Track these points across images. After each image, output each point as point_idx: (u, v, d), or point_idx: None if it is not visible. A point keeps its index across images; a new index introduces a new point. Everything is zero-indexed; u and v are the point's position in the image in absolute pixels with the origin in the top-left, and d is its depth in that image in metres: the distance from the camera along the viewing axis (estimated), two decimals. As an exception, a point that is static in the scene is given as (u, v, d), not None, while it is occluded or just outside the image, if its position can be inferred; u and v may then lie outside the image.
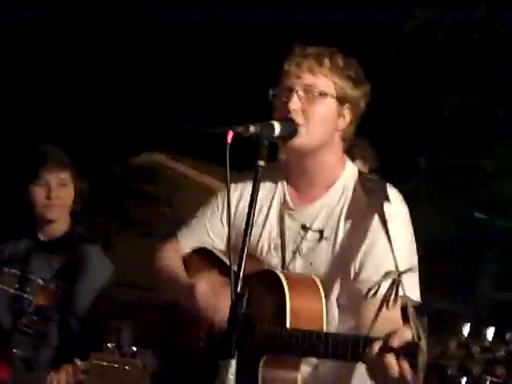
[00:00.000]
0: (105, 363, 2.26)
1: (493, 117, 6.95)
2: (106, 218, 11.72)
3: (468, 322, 1.59)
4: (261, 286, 2.05)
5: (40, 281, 2.86)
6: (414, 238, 2.10)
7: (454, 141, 7.69)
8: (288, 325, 1.96)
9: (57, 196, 2.82)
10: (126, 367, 2.24)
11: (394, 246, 1.93)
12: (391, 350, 1.69)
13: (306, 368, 2.05)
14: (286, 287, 1.99)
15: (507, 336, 1.53)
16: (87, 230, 2.98)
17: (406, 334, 1.68)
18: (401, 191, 2.20)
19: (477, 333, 1.56)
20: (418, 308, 2.01)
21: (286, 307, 1.96)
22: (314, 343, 1.87)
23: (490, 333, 1.54)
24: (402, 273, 1.88)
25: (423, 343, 1.62)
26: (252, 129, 1.94)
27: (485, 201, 7.26)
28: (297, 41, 2.16)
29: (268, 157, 1.96)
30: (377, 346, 1.72)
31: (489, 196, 7.07)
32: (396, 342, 1.69)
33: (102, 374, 2.28)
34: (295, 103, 2.07)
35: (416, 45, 6.44)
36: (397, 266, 1.89)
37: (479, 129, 7.10)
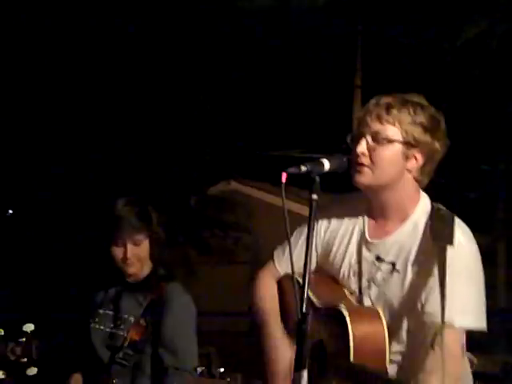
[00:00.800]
0: None
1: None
2: (186, 248, 12.04)
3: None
4: (332, 320, 2.31)
5: (131, 318, 3.16)
6: (477, 276, 2.32)
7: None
8: (352, 357, 2.22)
9: (132, 255, 3.14)
10: None
11: (448, 290, 2.15)
12: None
13: None
14: (348, 323, 2.25)
15: None
16: (169, 266, 3.27)
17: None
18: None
19: None
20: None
21: (349, 340, 2.22)
22: (362, 380, 2.16)
23: None
24: (445, 324, 2.12)
25: None
26: (303, 168, 2.24)
27: None
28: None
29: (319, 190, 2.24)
30: None
31: None
32: None
33: None
34: (362, 147, 2.35)
35: (469, 56, 6.55)
36: (443, 315, 2.12)
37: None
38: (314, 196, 2.21)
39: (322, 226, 2.49)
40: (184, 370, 2.94)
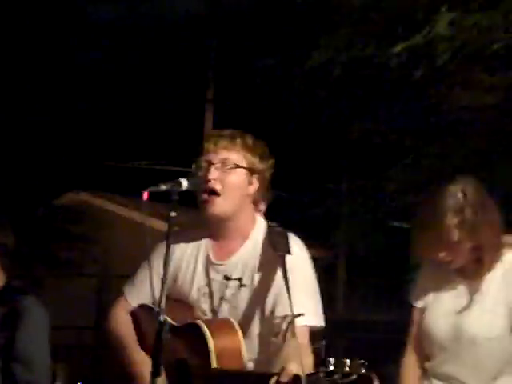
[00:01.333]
0: None
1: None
2: (32, 260, 11.67)
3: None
4: (190, 336, 2.47)
5: None
6: (313, 280, 2.59)
7: (363, 163, 8.33)
8: (213, 365, 2.38)
9: None
10: None
11: (291, 292, 2.38)
12: (281, 382, 2.16)
13: None
14: (206, 333, 2.43)
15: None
16: (20, 280, 3.22)
17: (294, 369, 2.16)
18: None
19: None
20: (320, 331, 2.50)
21: (209, 350, 2.40)
22: (230, 380, 2.34)
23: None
24: (295, 316, 2.35)
25: (303, 376, 2.09)
26: (163, 187, 2.40)
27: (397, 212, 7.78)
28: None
29: (178, 207, 2.38)
30: (273, 381, 2.19)
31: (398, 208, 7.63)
32: (285, 378, 2.17)
33: None
34: (213, 174, 2.57)
35: (317, 81, 7.00)
36: (292, 311, 2.36)
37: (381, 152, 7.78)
38: (173, 213, 2.36)
39: (170, 251, 2.58)
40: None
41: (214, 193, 2.56)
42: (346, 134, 8.14)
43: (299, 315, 2.37)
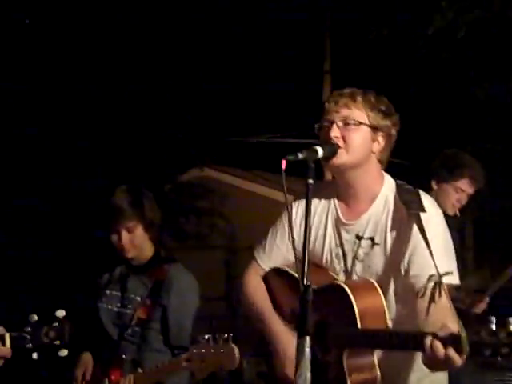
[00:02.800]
0: (203, 350, 2.70)
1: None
2: (162, 234, 12.07)
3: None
4: (331, 297, 2.49)
5: (138, 298, 3.34)
6: (449, 238, 2.55)
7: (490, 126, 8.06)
8: (358, 325, 2.40)
9: (126, 242, 3.31)
10: (222, 350, 2.66)
11: (432, 250, 2.37)
12: (440, 341, 2.12)
13: (379, 352, 2.48)
14: (350, 294, 2.44)
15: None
16: (167, 251, 3.45)
17: (451, 328, 2.12)
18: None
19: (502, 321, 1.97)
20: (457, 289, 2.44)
21: (354, 311, 2.41)
22: (381, 340, 2.34)
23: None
24: (442, 275, 2.34)
25: (464, 335, 2.05)
26: (300, 155, 2.41)
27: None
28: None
29: (315, 176, 2.41)
30: (429, 339, 2.15)
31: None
32: (443, 335, 2.12)
33: (203, 359, 2.71)
34: (335, 132, 2.56)
35: (440, 44, 6.78)
36: (437, 270, 2.35)
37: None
38: (310, 181, 2.38)
39: (297, 217, 2.69)
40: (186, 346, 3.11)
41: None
42: (470, 97, 7.90)
43: (446, 274, 2.36)
